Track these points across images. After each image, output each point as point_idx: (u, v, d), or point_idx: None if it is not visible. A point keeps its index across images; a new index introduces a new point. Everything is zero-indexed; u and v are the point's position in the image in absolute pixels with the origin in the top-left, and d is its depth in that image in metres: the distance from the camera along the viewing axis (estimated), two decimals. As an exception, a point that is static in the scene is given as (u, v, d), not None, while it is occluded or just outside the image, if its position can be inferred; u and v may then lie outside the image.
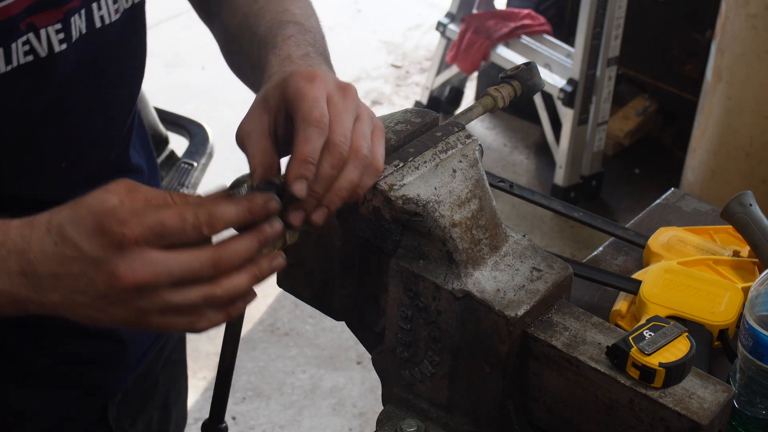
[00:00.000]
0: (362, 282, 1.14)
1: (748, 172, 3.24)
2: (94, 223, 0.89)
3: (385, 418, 1.12)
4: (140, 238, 0.88)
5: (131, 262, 0.88)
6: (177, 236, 0.89)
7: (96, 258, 0.89)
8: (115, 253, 0.88)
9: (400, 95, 4.51)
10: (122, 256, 0.88)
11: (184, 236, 0.90)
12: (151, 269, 0.88)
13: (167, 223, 0.89)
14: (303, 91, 0.99)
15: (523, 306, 1.02)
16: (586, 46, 3.59)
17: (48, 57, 1.13)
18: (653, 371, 0.98)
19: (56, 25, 1.13)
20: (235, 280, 0.92)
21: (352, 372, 3.11)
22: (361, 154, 1.00)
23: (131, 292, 0.89)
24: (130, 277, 0.88)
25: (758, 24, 3.05)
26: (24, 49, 1.11)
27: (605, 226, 1.49)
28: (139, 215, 0.88)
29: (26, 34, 1.10)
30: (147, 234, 0.88)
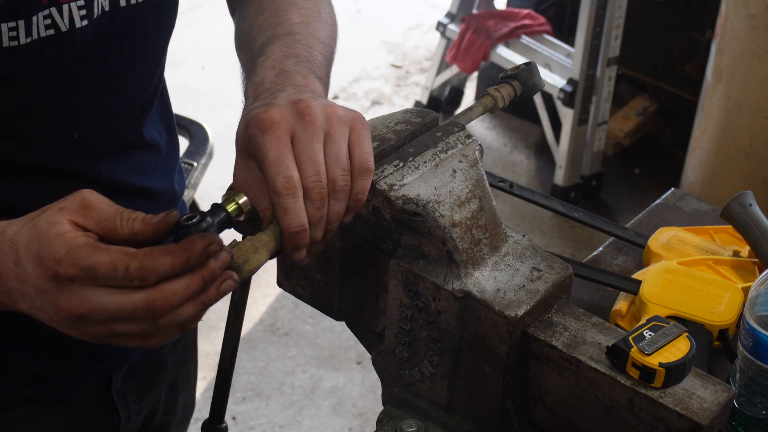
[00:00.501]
0: (362, 282, 1.14)
1: (748, 172, 3.24)
2: (36, 252, 0.92)
3: (385, 418, 1.12)
4: (73, 276, 0.90)
5: (68, 297, 0.91)
6: (108, 282, 0.90)
7: (40, 288, 0.92)
8: (54, 285, 0.91)
9: (400, 95, 4.51)
10: (60, 290, 0.91)
11: (115, 283, 0.90)
12: (86, 305, 0.90)
13: (99, 269, 0.90)
14: (264, 149, 0.99)
15: (523, 306, 1.02)
16: (586, 46, 3.59)
17: (69, 32, 1.14)
18: (653, 371, 0.98)
19: (79, 1, 1.14)
20: (177, 312, 0.92)
21: (352, 372, 3.11)
22: (339, 186, 0.99)
23: (74, 321, 0.92)
24: (67, 310, 0.91)
25: (758, 24, 3.05)
26: (45, 22, 1.12)
27: (605, 226, 1.49)
28: (74, 254, 0.90)
29: (48, 8, 1.12)
30: (80, 274, 0.90)
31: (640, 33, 3.93)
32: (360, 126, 1.03)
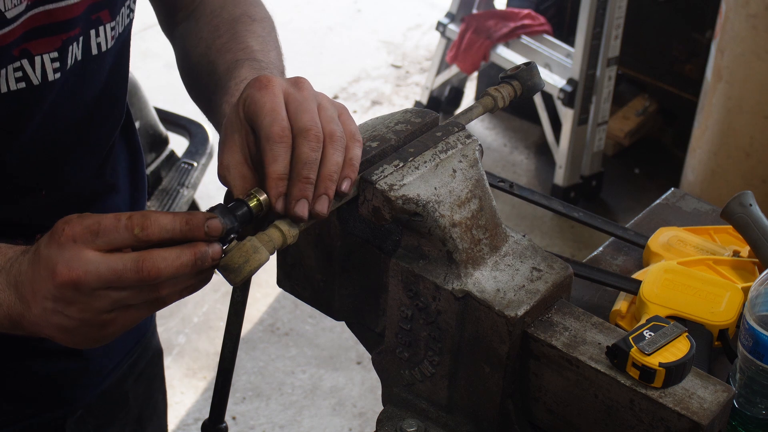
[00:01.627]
0: (362, 282, 1.14)
1: (748, 172, 3.24)
2: (52, 229, 0.95)
3: (385, 418, 1.12)
4: (77, 235, 0.93)
5: (68, 260, 0.93)
6: (110, 234, 0.93)
7: (45, 256, 0.94)
8: (57, 250, 0.94)
9: (400, 95, 4.51)
10: (62, 254, 0.93)
11: (117, 235, 0.93)
12: (83, 267, 0.92)
13: (102, 222, 0.93)
14: (259, 103, 1.00)
15: (523, 306, 1.02)
16: (586, 46, 3.60)
17: (40, 85, 1.12)
18: (653, 371, 0.98)
19: (53, 53, 1.12)
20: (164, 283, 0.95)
21: (352, 372, 3.11)
22: (336, 136, 1.00)
23: (71, 290, 0.93)
24: (65, 274, 0.93)
25: (758, 24, 3.05)
26: (16, 75, 1.10)
27: (605, 226, 1.49)
28: (82, 217, 0.94)
29: (19, 60, 1.10)
30: (84, 232, 0.93)
31: (640, 33, 3.93)
32: (346, 111, 1.05)
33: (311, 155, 0.98)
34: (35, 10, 1.09)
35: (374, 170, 1.04)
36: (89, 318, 0.95)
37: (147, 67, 4.34)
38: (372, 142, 1.08)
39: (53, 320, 0.96)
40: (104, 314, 0.95)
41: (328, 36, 4.93)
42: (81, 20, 1.14)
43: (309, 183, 0.98)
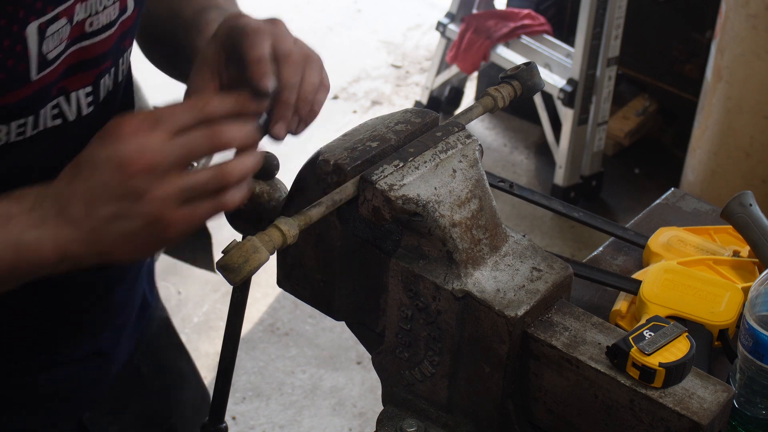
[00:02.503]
0: (362, 282, 1.14)
1: (748, 172, 3.24)
2: (101, 133, 0.95)
3: (385, 418, 1.12)
4: (138, 127, 0.93)
5: (137, 148, 0.93)
6: (172, 118, 0.95)
7: (105, 156, 0.93)
8: (121, 144, 0.93)
9: (400, 95, 4.51)
10: (127, 146, 0.93)
11: (179, 117, 0.95)
12: (154, 149, 0.93)
13: (159, 110, 0.95)
14: (244, 29, 1.05)
15: (523, 306, 1.02)
16: (586, 46, 3.59)
17: (75, 120, 1.14)
18: (653, 371, 0.98)
19: (87, 89, 1.14)
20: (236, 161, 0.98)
21: (352, 372, 3.11)
22: (314, 58, 1.06)
23: (144, 177, 0.93)
24: (137, 160, 0.92)
25: (758, 24, 3.05)
26: (53, 113, 1.11)
27: (605, 226, 1.49)
28: (133, 114, 0.96)
29: (57, 98, 1.10)
30: (144, 122, 0.94)
31: (640, 33, 3.92)
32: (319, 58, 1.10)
33: (292, 80, 1.04)
34: (73, 48, 1.10)
35: (374, 170, 1.04)
36: (156, 213, 0.94)
37: (147, 67, 4.34)
38: (372, 142, 1.08)
39: (114, 229, 0.95)
40: (171, 209, 0.94)
41: (328, 36, 4.93)
42: (112, 52, 1.16)
43: (288, 106, 1.04)
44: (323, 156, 1.07)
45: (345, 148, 1.08)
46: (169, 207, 0.95)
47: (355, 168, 1.05)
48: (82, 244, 0.96)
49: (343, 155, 1.06)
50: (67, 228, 0.95)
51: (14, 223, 0.95)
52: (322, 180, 1.07)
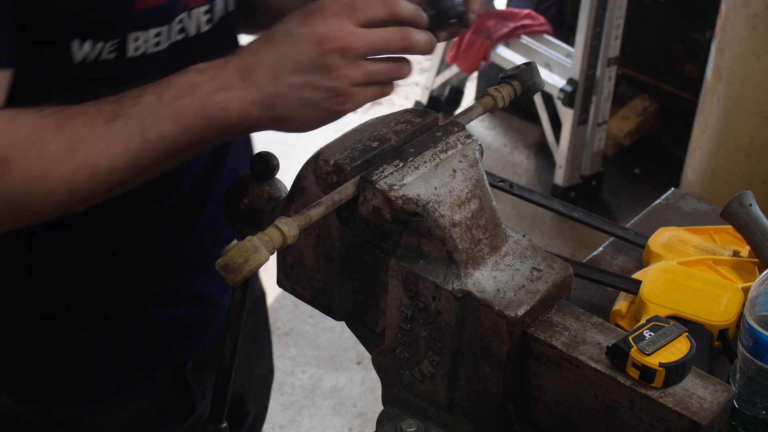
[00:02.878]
0: (362, 282, 1.14)
1: (748, 172, 3.24)
2: (300, 12, 1.07)
3: (385, 418, 1.12)
4: (338, 10, 1.05)
5: (336, 30, 1.05)
6: (367, 9, 1.06)
7: (305, 32, 1.05)
8: (322, 23, 1.05)
9: (400, 95, 4.51)
10: (327, 26, 1.05)
11: (373, 10, 1.06)
12: (353, 36, 1.05)
13: (356, 2, 1.06)
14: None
15: (523, 306, 1.02)
16: (586, 46, 3.60)
17: (195, 36, 1.22)
18: (653, 371, 0.98)
19: (204, 6, 1.22)
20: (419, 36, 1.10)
21: (352, 372, 3.11)
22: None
23: (338, 56, 1.05)
24: (335, 41, 1.04)
25: (758, 24, 3.05)
26: (178, 27, 1.20)
27: (605, 226, 1.49)
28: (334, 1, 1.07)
29: (182, 13, 1.19)
30: (343, 8, 1.05)
31: (640, 33, 3.93)
32: None
33: None
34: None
35: (374, 170, 1.04)
36: (339, 88, 1.06)
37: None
38: (372, 142, 1.08)
39: (296, 96, 1.06)
40: (352, 86, 1.06)
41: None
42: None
43: None
44: (323, 156, 1.07)
45: (345, 148, 1.08)
46: (350, 85, 1.06)
47: (355, 168, 1.05)
48: (263, 107, 1.07)
49: (343, 155, 1.06)
50: (250, 91, 1.06)
51: (200, 89, 1.06)
52: (322, 180, 1.07)
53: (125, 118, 1.05)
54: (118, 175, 1.07)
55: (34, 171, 1.03)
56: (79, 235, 1.25)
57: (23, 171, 1.03)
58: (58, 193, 1.05)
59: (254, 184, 1.21)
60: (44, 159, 1.03)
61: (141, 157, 1.06)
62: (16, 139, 1.03)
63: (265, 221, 1.21)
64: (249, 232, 1.05)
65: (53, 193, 1.05)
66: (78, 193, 1.06)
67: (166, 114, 1.05)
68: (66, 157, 1.04)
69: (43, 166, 1.03)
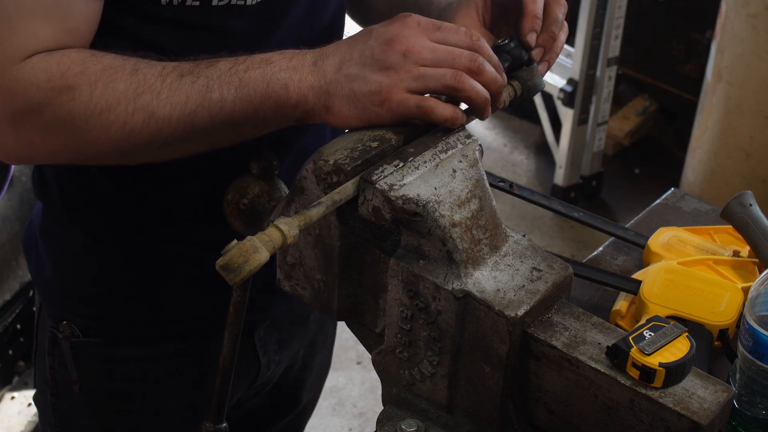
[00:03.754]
0: (362, 282, 1.14)
1: (748, 172, 3.24)
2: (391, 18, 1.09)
3: (385, 418, 1.12)
4: (422, 22, 1.08)
5: (409, 36, 1.07)
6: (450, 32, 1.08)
7: (383, 31, 1.07)
8: (400, 28, 1.07)
9: (400, 95, 4.51)
10: (403, 30, 1.07)
11: (456, 35, 1.08)
12: (421, 44, 1.07)
13: (445, 23, 1.09)
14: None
15: (523, 306, 1.02)
16: (586, 46, 3.59)
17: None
18: (653, 371, 0.98)
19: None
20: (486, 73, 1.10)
21: (352, 372, 3.11)
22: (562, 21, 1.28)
23: (397, 54, 1.06)
24: (404, 42, 1.06)
25: (758, 24, 3.05)
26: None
27: (605, 226, 1.49)
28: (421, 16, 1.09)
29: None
30: (429, 22, 1.08)
31: (640, 33, 3.92)
32: None
33: (560, 16, 1.26)
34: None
35: (374, 170, 1.04)
36: (385, 85, 1.06)
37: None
38: (372, 142, 1.08)
39: (347, 86, 1.06)
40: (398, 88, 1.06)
41: (328, 36, 4.93)
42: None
43: (553, 38, 1.24)
44: (323, 156, 1.07)
45: (345, 148, 1.08)
46: (399, 86, 1.06)
47: (355, 168, 1.05)
48: (320, 94, 1.08)
49: (343, 155, 1.06)
50: (314, 76, 1.08)
51: (273, 65, 1.09)
52: (322, 180, 1.07)
53: (195, 76, 1.09)
54: (173, 127, 1.09)
55: (97, 102, 1.08)
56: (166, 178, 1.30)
57: (87, 100, 1.08)
58: (114, 130, 1.09)
59: (254, 184, 1.21)
60: (109, 94, 1.08)
61: (198, 115, 1.09)
62: (90, 70, 1.08)
63: (265, 221, 1.21)
64: (249, 232, 1.06)
65: (110, 128, 1.09)
66: (133, 135, 1.10)
67: (234, 80, 1.08)
68: (130, 97, 1.08)
69: (106, 100, 1.08)
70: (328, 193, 1.04)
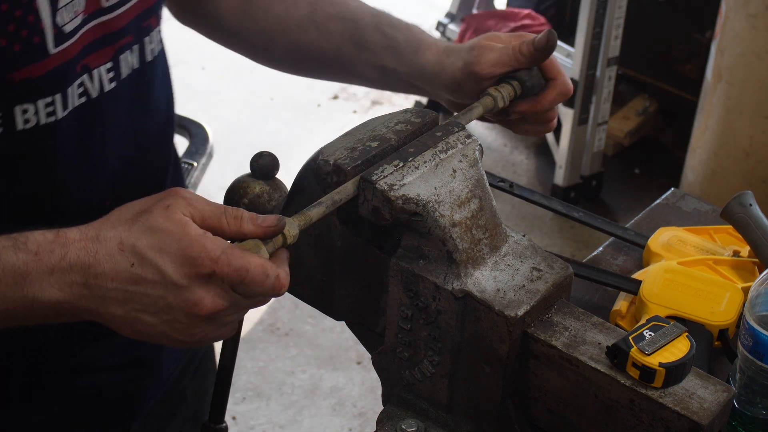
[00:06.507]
0: (362, 282, 1.14)
1: (748, 172, 3.24)
2: (182, 253, 0.92)
3: (385, 418, 1.12)
4: (226, 275, 0.92)
5: (215, 294, 0.94)
6: (255, 285, 0.94)
7: (181, 285, 0.93)
8: (201, 282, 0.93)
9: (400, 95, 4.51)
10: (207, 288, 0.93)
11: (261, 289, 0.94)
12: (230, 299, 0.94)
13: (251, 271, 0.93)
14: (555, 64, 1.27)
15: (523, 306, 1.02)
16: (586, 46, 3.59)
17: (98, 97, 1.14)
18: (653, 371, 0.98)
19: (107, 65, 1.14)
20: None
21: (352, 372, 3.11)
22: None
23: (204, 319, 0.95)
24: (211, 308, 0.93)
25: (758, 24, 3.05)
26: (79, 91, 1.12)
27: (605, 226, 1.49)
28: (228, 254, 0.93)
29: (81, 77, 1.12)
30: (233, 273, 0.92)
31: (640, 33, 3.92)
32: None
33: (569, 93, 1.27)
34: (91, 23, 1.11)
35: (374, 170, 1.04)
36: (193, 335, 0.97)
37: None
38: (372, 142, 1.08)
39: (136, 327, 0.96)
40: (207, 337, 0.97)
41: (328, 36, 4.93)
42: (132, 27, 1.16)
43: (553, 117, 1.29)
44: (323, 156, 1.07)
45: (345, 148, 1.08)
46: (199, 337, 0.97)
47: (355, 168, 1.05)
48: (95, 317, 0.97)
49: (343, 155, 1.06)
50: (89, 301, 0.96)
51: (30, 280, 0.95)
52: (322, 180, 1.07)
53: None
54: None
55: None
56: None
57: None
58: None
59: (254, 184, 1.21)
60: None
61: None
62: None
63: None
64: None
65: None
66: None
67: None
68: None
69: None
70: (328, 193, 1.04)
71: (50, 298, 0.95)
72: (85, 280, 0.94)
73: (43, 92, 1.08)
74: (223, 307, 0.94)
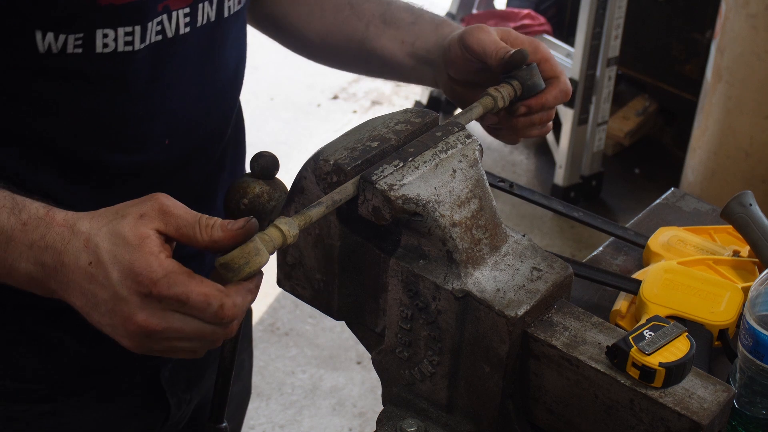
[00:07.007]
0: (362, 282, 1.14)
1: (748, 172, 3.24)
2: (128, 265, 0.94)
3: (385, 418, 1.12)
4: (164, 298, 0.94)
5: (149, 315, 0.95)
6: (196, 313, 0.95)
7: (121, 296, 0.95)
8: (139, 300, 0.95)
9: (400, 95, 4.51)
10: (143, 307, 0.95)
11: (203, 317, 0.95)
12: (164, 324, 0.95)
13: (192, 299, 0.94)
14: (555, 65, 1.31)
15: (523, 306, 1.02)
16: (586, 46, 3.60)
17: (173, 38, 1.20)
18: (653, 371, 0.98)
19: (185, 9, 1.20)
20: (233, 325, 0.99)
21: (352, 372, 3.11)
22: None
23: (142, 336, 0.96)
24: (143, 325, 0.95)
25: (758, 24, 3.05)
26: (157, 29, 1.17)
27: (605, 226, 1.49)
28: (170, 278, 0.94)
29: (161, 15, 1.17)
30: (172, 298, 0.94)
31: (640, 33, 3.93)
32: None
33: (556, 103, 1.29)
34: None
35: (374, 170, 1.04)
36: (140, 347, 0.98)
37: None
38: (372, 142, 1.08)
39: (94, 320, 0.99)
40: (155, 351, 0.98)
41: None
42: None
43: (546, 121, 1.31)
44: (323, 156, 1.07)
45: (345, 148, 1.08)
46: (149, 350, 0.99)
47: (355, 168, 1.05)
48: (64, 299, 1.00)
49: (343, 155, 1.06)
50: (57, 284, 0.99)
51: (12, 247, 1.00)
52: (322, 180, 1.07)
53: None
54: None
55: None
56: None
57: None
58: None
59: (254, 184, 1.21)
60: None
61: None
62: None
63: (265, 221, 1.21)
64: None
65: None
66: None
67: None
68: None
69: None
70: (328, 193, 1.04)
71: (25, 270, 1.00)
72: (55, 264, 0.98)
73: (124, 21, 1.13)
74: (158, 328, 0.95)
